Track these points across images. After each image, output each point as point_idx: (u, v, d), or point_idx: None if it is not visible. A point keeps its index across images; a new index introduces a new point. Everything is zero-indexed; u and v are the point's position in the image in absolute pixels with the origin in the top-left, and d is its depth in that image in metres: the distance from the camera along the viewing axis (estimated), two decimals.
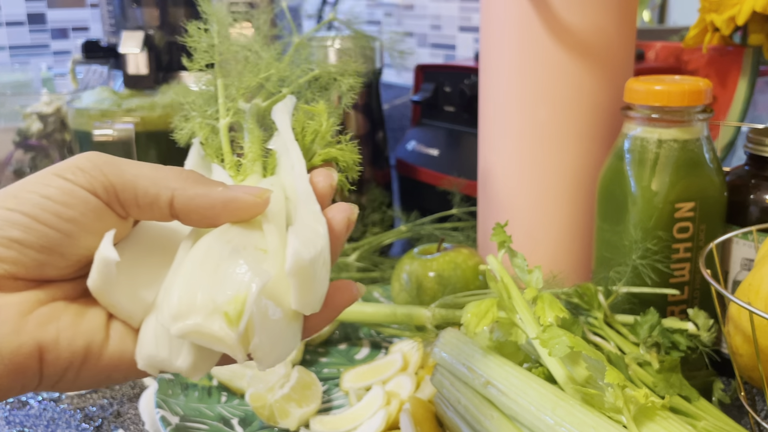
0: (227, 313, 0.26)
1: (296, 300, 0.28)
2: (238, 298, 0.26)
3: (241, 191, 0.30)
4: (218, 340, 0.26)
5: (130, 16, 0.95)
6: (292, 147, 0.34)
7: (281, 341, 0.28)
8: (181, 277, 0.27)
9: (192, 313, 0.26)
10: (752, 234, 0.52)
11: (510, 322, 0.43)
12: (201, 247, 0.28)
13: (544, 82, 0.59)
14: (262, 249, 0.29)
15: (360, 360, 0.62)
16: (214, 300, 0.26)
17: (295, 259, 0.27)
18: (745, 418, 0.52)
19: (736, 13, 0.66)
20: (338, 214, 0.31)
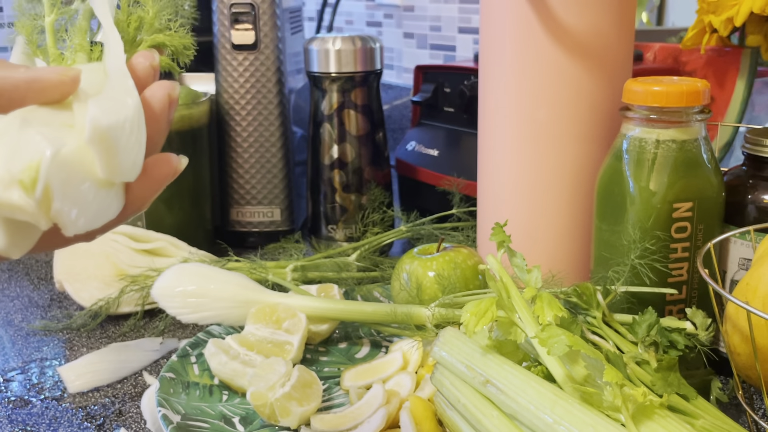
0: (22, 181, 0.26)
1: (101, 167, 0.28)
2: (32, 166, 0.26)
3: (46, 71, 0.30)
4: (18, 208, 0.26)
5: None
6: (109, 31, 0.34)
7: (89, 207, 0.28)
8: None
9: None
10: (750, 234, 0.52)
11: (509, 321, 0.43)
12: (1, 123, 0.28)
13: (543, 83, 0.59)
14: (69, 125, 0.29)
15: (360, 359, 0.62)
16: (10, 171, 0.26)
17: (92, 125, 0.27)
18: (743, 416, 0.52)
19: (734, 14, 0.66)
20: (158, 90, 0.32)
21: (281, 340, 0.58)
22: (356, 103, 0.83)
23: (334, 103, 0.82)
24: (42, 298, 0.78)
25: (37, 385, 0.60)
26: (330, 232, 0.85)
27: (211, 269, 0.63)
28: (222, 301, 0.62)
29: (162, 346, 0.65)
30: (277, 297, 0.62)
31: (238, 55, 0.87)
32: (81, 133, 0.29)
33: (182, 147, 0.86)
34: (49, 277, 0.83)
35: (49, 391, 0.59)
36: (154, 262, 0.74)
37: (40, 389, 0.60)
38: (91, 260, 0.73)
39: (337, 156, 0.83)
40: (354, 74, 0.81)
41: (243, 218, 0.90)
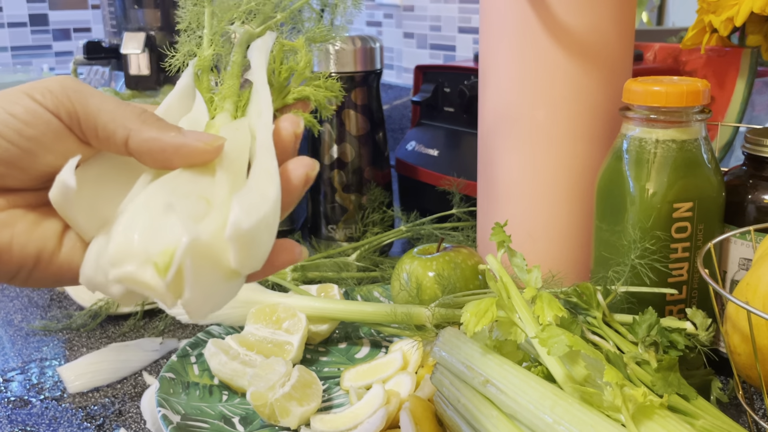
0: (157, 264, 0.27)
1: (234, 261, 0.29)
2: (168, 251, 0.27)
3: (192, 138, 0.31)
4: (149, 287, 0.28)
5: (132, 17, 0.95)
6: (262, 90, 0.34)
7: (214, 295, 0.29)
8: (123, 222, 0.29)
9: (127, 260, 0.28)
10: (750, 234, 0.52)
11: (509, 321, 0.43)
12: (148, 191, 0.30)
13: (543, 83, 0.59)
14: (207, 199, 0.30)
15: (360, 359, 0.62)
16: (147, 250, 0.28)
17: (234, 228, 0.28)
18: (743, 416, 0.52)
19: (734, 14, 0.66)
20: (298, 168, 0.32)
21: (281, 340, 0.58)
22: (356, 103, 0.83)
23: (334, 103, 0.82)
24: (42, 298, 0.78)
25: (37, 386, 0.60)
26: (330, 232, 0.85)
27: None
28: None
29: (162, 346, 0.65)
30: (277, 297, 0.62)
31: None
32: (220, 213, 0.30)
33: None
34: None
35: (49, 392, 0.59)
36: None
37: (40, 389, 0.60)
38: None
39: (336, 156, 0.83)
40: (354, 74, 0.81)
41: None
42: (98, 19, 1.60)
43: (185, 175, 0.31)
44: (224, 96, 0.35)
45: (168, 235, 0.28)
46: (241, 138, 0.33)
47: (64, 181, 0.29)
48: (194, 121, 0.35)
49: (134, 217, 0.29)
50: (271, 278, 0.70)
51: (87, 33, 1.59)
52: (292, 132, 0.34)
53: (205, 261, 0.28)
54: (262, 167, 0.31)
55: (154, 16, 0.93)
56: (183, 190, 0.30)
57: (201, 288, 0.28)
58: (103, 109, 0.31)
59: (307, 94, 0.36)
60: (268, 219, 0.30)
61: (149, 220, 0.28)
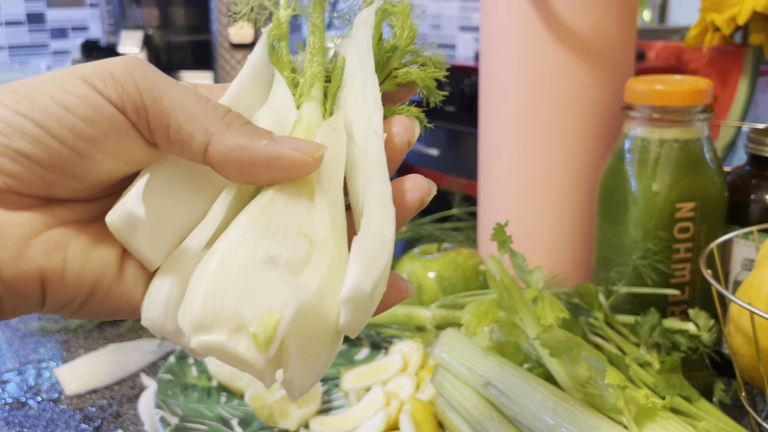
0: (256, 335, 0.22)
1: (345, 325, 0.23)
2: (270, 321, 0.22)
3: (289, 146, 0.25)
4: (244, 362, 0.23)
5: (130, 15, 0.95)
6: (370, 82, 0.27)
7: (318, 365, 0.24)
8: (208, 273, 0.23)
9: (216, 326, 0.22)
10: (753, 234, 0.52)
11: (510, 322, 0.43)
12: (237, 228, 0.24)
13: (544, 82, 0.59)
14: (308, 237, 0.24)
15: (360, 360, 0.61)
16: (241, 315, 0.22)
17: (354, 291, 0.23)
18: (745, 418, 0.52)
19: (737, 12, 0.66)
20: (414, 191, 0.26)
21: None
22: None
23: None
24: None
25: (34, 387, 0.60)
26: None
27: None
28: None
29: (160, 347, 0.65)
30: None
31: (237, 54, 0.87)
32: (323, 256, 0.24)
33: None
34: None
35: (46, 393, 0.59)
36: None
37: (37, 391, 0.59)
38: None
39: None
40: None
41: None
42: (96, 18, 1.59)
43: (278, 199, 0.25)
44: (312, 79, 0.28)
45: (270, 298, 0.22)
46: (339, 141, 0.26)
47: (132, 212, 0.23)
48: (278, 114, 0.28)
49: (223, 267, 0.23)
50: None
51: (84, 31, 1.59)
52: (406, 141, 0.27)
53: (310, 327, 0.23)
54: (377, 197, 0.25)
55: (151, 15, 0.93)
56: (279, 226, 0.24)
57: (306, 361, 0.23)
58: (180, 104, 0.24)
59: (413, 79, 0.29)
60: (387, 269, 0.24)
61: (243, 273, 0.23)
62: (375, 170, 0.25)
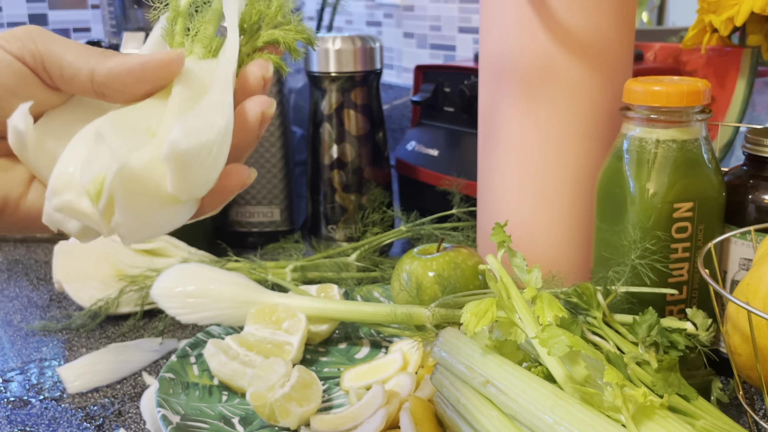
0: (89, 192, 0.28)
1: (171, 185, 0.29)
2: (98, 179, 0.28)
3: (154, 54, 0.31)
4: (85, 215, 0.29)
5: (132, 17, 0.95)
6: (230, 31, 0.34)
7: (152, 220, 0.29)
8: (64, 154, 0.29)
9: (65, 190, 0.29)
10: (750, 234, 0.52)
11: (509, 321, 0.43)
12: (94, 123, 0.30)
13: (543, 83, 0.59)
14: (152, 131, 0.30)
15: (360, 359, 0.62)
16: (81, 180, 0.28)
17: (170, 147, 0.28)
18: (743, 417, 0.52)
19: (735, 13, 0.66)
20: (254, 106, 0.32)
21: (281, 341, 0.58)
22: (356, 103, 0.83)
23: (333, 102, 0.82)
24: (41, 298, 0.78)
25: (37, 386, 0.60)
26: (330, 232, 0.85)
27: (211, 269, 0.63)
28: (222, 301, 0.62)
29: (161, 346, 0.65)
30: (276, 297, 0.62)
31: None
32: (160, 143, 0.30)
33: None
34: (49, 277, 0.83)
35: (49, 392, 0.59)
36: (154, 263, 0.74)
37: (40, 390, 0.60)
38: (90, 260, 0.73)
39: (336, 156, 0.83)
40: (354, 74, 0.81)
41: (243, 218, 0.90)
42: (98, 19, 1.59)
43: (138, 108, 0.31)
44: (195, 39, 0.35)
45: (98, 163, 0.28)
46: (203, 76, 0.33)
47: (15, 126, 0.29)
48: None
49: (73, 148, 0.29)
50: (270, 278, 0.70)
51: (86, 33, 1.59)
52: (260, 76, 0.34)
53: (140, 187, 0.28)
54: (214, 98, 0.31)
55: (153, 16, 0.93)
56: (128, 122, 0.30)
57: (134, 213, 0.28)
58: (68, 49, 0.31)
59: (276, 37, 0.36)
60: (211, 146, 0.29)
61: (85, 151, 0.29)
62: (217, 83, 0.32)
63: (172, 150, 0.28)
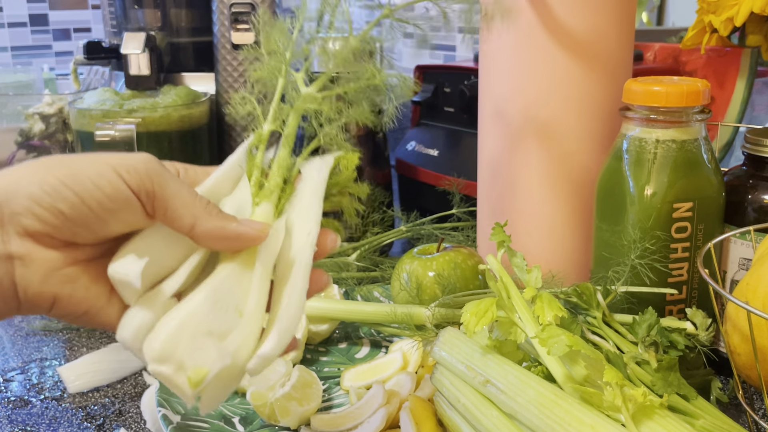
0: (191, 378, 0.32)
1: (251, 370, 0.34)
2: (202, 371, 0.32)
3: (248, 227, 0.36)
4: (179, 389, 0.33)
5: (132, 17, 0.95)
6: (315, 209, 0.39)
7: (227, 392, 0.35)
8: (170, 326, 0.33)
9: (167, 362, 0.32)
10: (750, 234, 0.52)
11: (509, 321, 0.43)
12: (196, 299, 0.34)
13: (543, 83, 0.59)
14: (240, 312, 0.35)
15: (360, 359, 0.62)
16: (185, 362, 0.32)
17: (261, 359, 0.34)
18: (743, 416, 0.52)
19: (734, 14, 0.66)
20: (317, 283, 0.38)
21: None
22: None
23: None
24: None
25: (37, 385, 0.60)
26: None
27: None
28: None
29: None
30: None
31: (238, 55, 0.87)
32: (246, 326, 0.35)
33: (182, 146, 0.86)
34: None
35: (49, 391, 0.59)
36: None
37: (40, 389, 0.60)
38: None
39: None
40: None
41: None
42: (98, 19, 1.60)
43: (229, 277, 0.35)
44: (271, 188, 0.39)
45: (205, 357, 0.33)
46: (278, 239, 0.37)
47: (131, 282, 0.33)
48: (238, 205, 0.38)
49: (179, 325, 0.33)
50: None
51: (87, 33, 1.59)
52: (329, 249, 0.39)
53: (224, 375, 0.34)
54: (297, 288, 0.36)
55: (154, 16, 0.93)
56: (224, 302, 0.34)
57: (217, 393, 0.34)
58: (178, 194, 0.35)
59: (343, 206, 0.41)
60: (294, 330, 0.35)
61: (192, 334, 0.33)
62: (299, 269, 0.36)
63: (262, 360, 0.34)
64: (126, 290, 0.34)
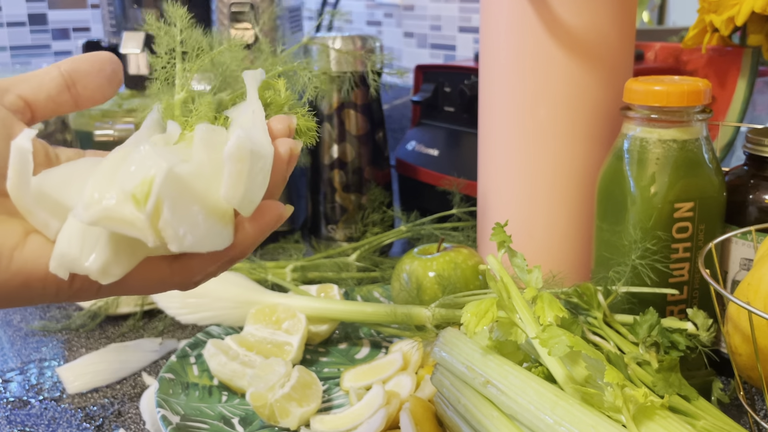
0: (135, 195, 0.26)
1: (226, 188, 0.28)
2: (146, 181, 0.26)
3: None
4: (128, 223, 0.26)
5: (131, 16, 0.95)
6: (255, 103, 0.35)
7: (198, 228, 0.28)
8: (96, 174, 0.27)
9: (102, 200, 0.26)
10: (751, 234, 0.52)
11: (509, 321, 0.43)
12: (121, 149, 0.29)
13: (543, 83, 0.59)
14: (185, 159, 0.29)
15: (360, 359, 0.62)
16: (123, 187, 0.26)
17: (237, 142, 0.28)
18: (744, 417, 0.52)
19: (735, 13, 0.66)
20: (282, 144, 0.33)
21: (281, 341, 0.58)
22: (356, 103, 0.82)
23: (333, 102, 0.82)
24: None
25: (36, 386, 0.60)
26: (330, 232, 0.85)
27: None
28: (221, 301, 0.62)
29: (161, 346, 0.65)
30: (276, 297, 0.62)
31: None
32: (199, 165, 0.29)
33: None
34: None
35: (48, 392, 0.59)
36: None
37: (39, 390, 0.60)
38: None
39: (336, 156, 0.83)
40: (354, 74, 0.81)
41: None
42: (97, 19, 1.59)
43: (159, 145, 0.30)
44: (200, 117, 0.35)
45: (145, 167, 0.26)
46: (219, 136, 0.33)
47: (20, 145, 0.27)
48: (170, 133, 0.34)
49: (105, 169, 0.27)
50: (270, 278, 0.70)
51: (86, 32, 1.59)
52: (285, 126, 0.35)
53: (186, 193, 0.27)
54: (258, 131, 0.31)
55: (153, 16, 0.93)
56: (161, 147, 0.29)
57: (180, 216, 0.27)
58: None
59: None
60: (265, 160, 0.29)
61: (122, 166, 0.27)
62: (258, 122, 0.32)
63: (237, 147, 0.28)
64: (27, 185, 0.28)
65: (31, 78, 0.32)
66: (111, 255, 0.27)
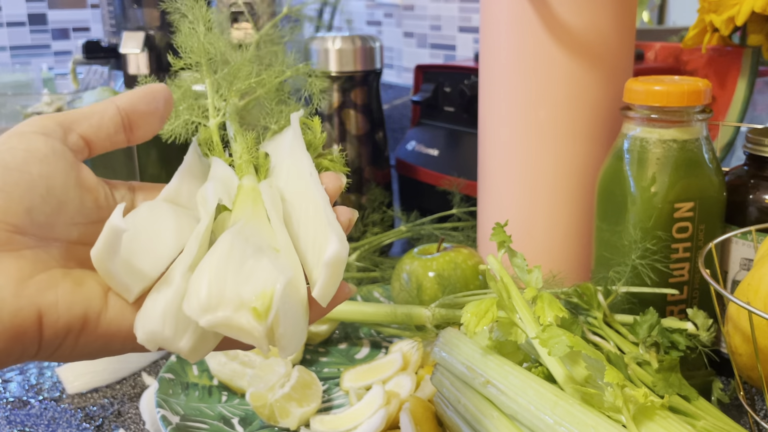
0: (255, 308, 0.27)
1: (320, 290, 0.30)
2: (266, 294, 0.27)
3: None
4: (246, 332, 0.27)
5: (131, 16, 0.95)
6: (304, 155, 0.36)
7: (300, 331, 0.29)
8: (208, 270, 0.28)
9: (221, 306, 0.27)
10: (751, 234, 0.52)
11: (510, 321, 0.43)
12: (223, 242, 0.29)
13: (543, 83, 0.59)
14: (276, 248, 0.31)
15: (360, 359, 0.62)
16: (241, 296, 0.27)
17: (336, 253, 0.29)
18: (744, 417, 0.52)
19: (735, 13, 0.66)
20: (342, 216, 0.33)
21: None
22: (356, 103, 0.82)
23: (334, 102, 0.82)
24: None
25: (36, 386, 0.60)
26: None
27: None
28: None
29: None
30: None
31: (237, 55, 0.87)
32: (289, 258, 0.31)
33: (183, 147, 0.85)
34: None
35: (48, 392, 0.59)
36: None
37: (39, 390, 0.60)
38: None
39: None
40: (354, 74, 0.81)
41: None
42: (97, 19, 1.60)
43: (249, 228, 0.31)
44: (247, 161, 0.37)
45: (262, 279, 0.28)
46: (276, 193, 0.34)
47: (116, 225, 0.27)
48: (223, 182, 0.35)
49: (218, 267, 0.28)
50: None
51: (86, 32, 1.59)
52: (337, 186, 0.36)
53: (292, 298, 0.29)
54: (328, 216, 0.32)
55: (153, 16, 0.93)
56: (255, 240, 0.30)
57: (291, 324, 0.29)
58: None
59: (325, 166, 0.39)
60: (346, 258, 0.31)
61: (236, 268, 0.28)
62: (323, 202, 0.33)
63: (336, 257, 0.29)
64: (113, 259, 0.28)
65: (90, 116, 0.32)
66: (201, 339, 0.29)
